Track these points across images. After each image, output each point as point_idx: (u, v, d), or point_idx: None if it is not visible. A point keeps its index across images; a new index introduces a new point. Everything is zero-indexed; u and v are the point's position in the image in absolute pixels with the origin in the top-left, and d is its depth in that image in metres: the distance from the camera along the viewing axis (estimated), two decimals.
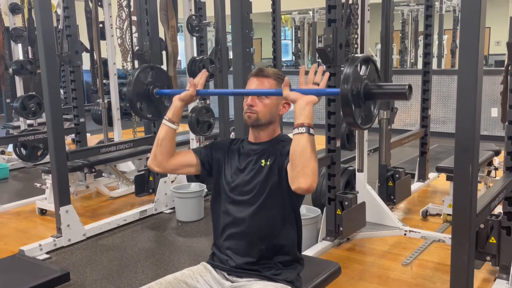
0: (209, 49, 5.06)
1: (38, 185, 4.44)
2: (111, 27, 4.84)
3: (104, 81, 4.96)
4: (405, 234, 3.54)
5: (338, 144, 3.35)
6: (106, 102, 4.91)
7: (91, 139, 6.23)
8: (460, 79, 2.00)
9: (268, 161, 1.75)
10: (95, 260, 3.30)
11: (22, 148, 5.67)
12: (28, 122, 6.01)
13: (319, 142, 1.74)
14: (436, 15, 7.43)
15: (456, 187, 2.04)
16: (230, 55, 5.18)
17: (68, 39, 4.51)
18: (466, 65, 1.99)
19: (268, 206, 1.74)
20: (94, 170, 4.23)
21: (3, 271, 3.03)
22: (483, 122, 5.80)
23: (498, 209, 2.65)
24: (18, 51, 6.26)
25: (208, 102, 5.07)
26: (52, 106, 3.34)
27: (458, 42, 2.34)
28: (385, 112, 3.76)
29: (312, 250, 3.18)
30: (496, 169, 4.15)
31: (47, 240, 3.45)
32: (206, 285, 1.78)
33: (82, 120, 4.71)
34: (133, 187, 4.46)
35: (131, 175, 4.72)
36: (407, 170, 4.14)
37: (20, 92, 5.93)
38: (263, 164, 1.76)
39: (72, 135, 5.88)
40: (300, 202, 1.82)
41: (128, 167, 5.03)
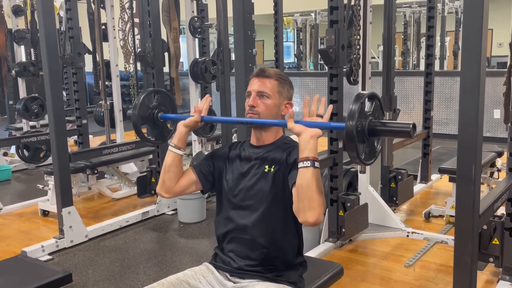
0: (211, 50, 5.07)
1: (40, 186, 4.45)
2: (114, 29, 4.85)
3: (106, 83, 4.97)
4: (407, 236, 3.53)
5: (340, 145, 3.35)
6: (108, 103, 4.92)
7: (93, 140, 6.24)
8: (463, 81, 2.00)
9: (272, 167, 1.74)
10: (97, 261, 3.31)
11: (24, 150, 5.69)
12: (31, 123, 6.03)
13: (321, 144, 1.75)
14: (438, 16, 7.44)
15: (459, 188, 2.03)
16: (232, 57, 5.18)
17: (70, 41, 4.53)
18: (469, 66, 1.98)
19: (271, 214, 1.73)
20: (96, 171, 4.24)
21: (5, 272, 3.04)
22: (486, 124, 5.81)
23: (501, 210, 2.64)
24: (21, 53, 6.28)
25: (210, 103, 5.07)
26: (55, 107, 3.34)
27: (460, 44, 2.34)
28: (387, 113, 3.76)
29: (315, 252, 3.18)
30: (499, 170, 4.14)
31: (50, 241, 3.45)
32: (208, 285, 1.78)
33: (84, 121, 4.73)
34: (135, 188, 4.46)
35: (133, 177, 4.73)
36: (410, 171, 4.13)
37: (22, 93, 5.95)
38: (266, 170, 1.75)
39: (75, 136, 5.89)
40: None
41: (130, 168, 5.03)
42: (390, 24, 3.76)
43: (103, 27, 4.86)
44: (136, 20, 5.64)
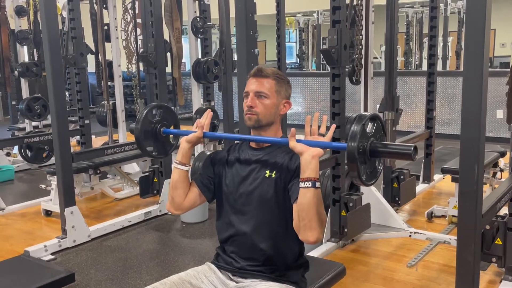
0: (213, 51, 5.07)
1: (43, 186, 4.46)
2: (116, 29, 4.86)
3: (108, 83, 4.98)
4: (410, 236, 3.53)
5: None
6: (111, 104, 4.92)
7: (96, 141, 6.25)
8: (466, 81, 2.00)
9: (274, 173, 1.73)
10: (100, 261, 3.31)
11: (27, 150, 5.71)
12: (34, 124, 6.04)
13: None
14: (441, 17, 7.42)
15: (461, 189, 2.03)
16: (235, 57, 5.18)
17: (73, 41, 4.53)
18: (472, 66, 1.98)
19: (271, 219, 1.73)
20: (99, 171, 4.25)
21: (8, 272, 3.05)
22: (489, 124, 5.78)
23: (504, 210, 2.63)
24: (24, 54, 6.30)
25: (212, 103, 5.08)
26: (57, 108, 3.35)
27: (463, 44, 2.34)
28: (389, 113, 3.76)
29: (317, 251, 3.17)
30: (501, 170, 4.14)
31: (52, 241, 3.46)
32: (210, 285, 1.78)
33: (87, 121, 4.73)
34: (137, 188, 4.47)
35: (136, 177, 4.74)
36: (412, 171, 4.13)
37: (25, 94, 5.96)
38: (267, 175, 1.74)
39: (77, 136, 5.90)
40: None
41: (133, 168, 5.04)
42: (392, 24, 3.75)
43: (106, 27, 4.87)
44: (139, 20, 5.65)
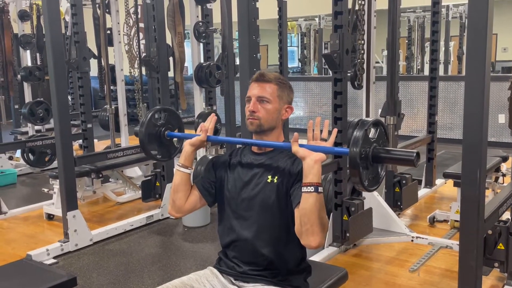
0: (215, 55, 5.09)
1: (45, 190, 4.47)
2: (119, 34, 4.88)
3: (111, 87, 5.00)
4: (412, 240, 3.52)
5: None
6: (113, 108, 4.94)
7: (98, 144, 6.27)
8: (467, 86, 2.01)
9: (276, 178, 1.73)
10: (102, 265, 3.31)
11: (30, 154, 5.71)
12: (36, 128, 6.06)
13: None
14: (443, 21, 7.44)
15: (463, 193, 2.03)
16: (237, 61, 5.21)
17: (76, 46, 4.55)
18: (473, 71, 1.99)
19: (273, 225, 1.73)
20: (101, 175, 4.26)
21: (10, 276, 3.04)
22: (491, 129, 5.76)
23: (506, 215, 2.63)
24: (27, 58, 6.32)
25: (214, 107, 5.09)
26: (60, 112, 3.36)
27: (464, 49, 2.35)
28: (391, 118, 3.76)
29: (319, 256, 3.17)
30: (503, 175, 4.12)
31: (54, 245, 3.46)
32: None
33: (89, 125, 4.74)
34: (139, 192, 4.48)
35: (138, 181, 4.74)
36: (414, 176, 4.12)
37: (28, 98, 5.98)
38: (269, 180, 1.74)
39: (80, 140, 5.92)
40: None
41: (135, 172, 5.04)
42: (394, 29, 3.76)
43: (108, 32, 4.89)
44: (141, 25, 5.68)
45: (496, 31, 8.68)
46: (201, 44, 4.67)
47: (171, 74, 4.36)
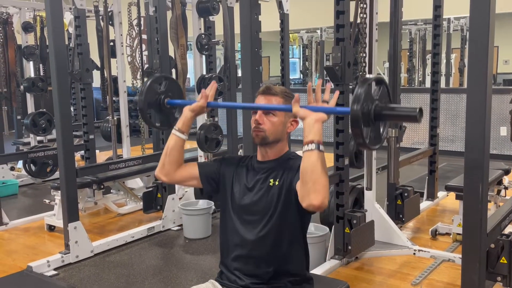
0: (217, 66, 5.11)
1: (47, 201, 4.46)
2: (122, 46, 4.91)
3: (113, 98, 5.01)
4: (414, 254, 3.50)
5: (347, 162, 3.35)
6: (115, 119, 4.95)
7: (100, 155, 6.27)
8: (469, 99, 2.01)
9: (277, 181, 1.74)
10: (103, 277, 3.30)
11: (31, 165, 5.72)
12: (38, 138, 6.07)
13: (327, 159, 1.74)
14: (444, 34, 7.47)
15: (466, 207, 2.03)
16: (239, 73, 5.22)
17: (79, 57, 4.58)
18: (475, 84, 1.99)
19: (276, 228, 1.73)
20: (103, 186, 4.25)
21: (11, 287, 3.04)
22: (492, 141, 5.76)
23: (509, 228, 2.62)
24: (30, 69, 6.35)
25: (216, 119, 5.10)
26: (63, 123, 3.37)
27: (466, 61, 2.35)
28: (393, 130, 3.76)
29: (321, 269, 3.15)
30: (506, 188, 4.12)
31: (55, 256, 3.45)
32: None
33: (91, 137, 4.75)
34: (141, 203, 4.47)
35: (139, 192, 4.74)
36: (416, 188, 4.11)
37: (30, 109, 6.00)
38: (271, 184, 1.75)
39: (82, 151, 5.92)
40: (308, 222, 1.81)
41: (137, 183, 5.04)
42: (396, 41, 3.78)
43: (112, 43, 4.91)
44: (144, 36, 5.71)
45: (497, 44, 8.71)
46: (203, 56, 4.69)
47: None
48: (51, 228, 4.23)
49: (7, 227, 4.34)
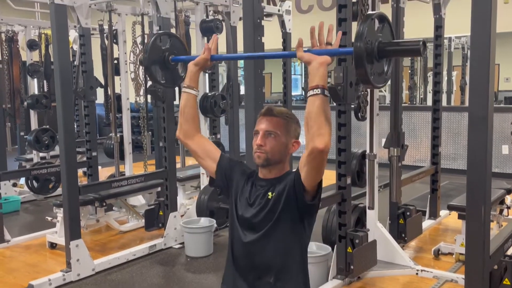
0: (220, 82, 5.15)
1: (49, 219, 4.45)
2: (126, 63, 4.95)
3: (116, 115, 5.04)
4: (417, 274, 3.49)
5: (349, 181, 3.35)
6: (118, 136, 4.97)
7: (102, 171, 6.27)
8: (471, 119, 2.02)
9: (275, 192, 1.76)
10: None
11: (34, 181, 5.73)
12: (41, 154, 6.09)
13: (329, 177, 1.74)
14: (445, 52, 7.52)
15: (468, 230, 2.03)
16: (241, 91, 5.26)
17: (83, 75, 4.62)
18: (477, 106, 2.01)
19: (275, 232, 1.73)
20: (105, 204, 4.26)
21: None
22: (494, 159, 5.73)
23: None
24: (34, 86, 6.40)
25: (218, 136, 5.13)
26: (67, 142, 3.40)
27: (467, 79, 2.38)
28: (395, 149, 3.77)
29: None
30: (508, 207, 4.11)
31: (57, 274, 3.45)
32: None
33: (94, 153, 4.76)
34: (142, 221, 4.47)
35: (141, 209, 4.74)
36: (418, 207, 4.11)
37: (34, 125, 6.03)
38: (270, 197, 1.76)
39: (84, 168, 5.94)
40: (308, 237, 1.81)
41: (139, 201, 5.04)
42: (397, 61, 3.81)
43: (115, 61, 4.96)
44: None
45: (498, 61, 8.75)
46: (206, 74, 4.73)
47: (176, 101, 4.40)
48: (53, 245, 4.22)
49: (9, 244, 4.34)
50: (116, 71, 4.96)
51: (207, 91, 4.75)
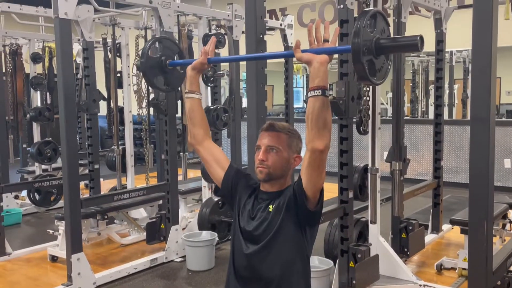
0: (222, 95, 5.16)
1: (50, 231, 4.44)
2: (129, 77, 4.98)
3: (119, 127, 5.06)
4: None
5: (351, 195, 3.35)
6: (120, 149, 4.98)
7: (104, 183, 6.27)
8: (473, 133, 2.02)
9: (275, 204, 1.77)
10: None
11: (36, 193, 5.73)
12: (43, 167, 6.09)
13: (331, 191, 1.74)
14: (447, 65, 7.54)
15: (471, 246, 2.03)
16: (244, 104, 5.28)
17: (86, 88, 4.64)
18: (479, 119, 2.01)
19: (276, 244, 1.74)
20: (106, 217, 4.25)
21: None
22: (496, 173, 5.72)
23: None
24: (37, 98, 6.43)
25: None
26: (69, 155, 3.40)
27: (469, 92, 2.39)
28: (397, 163, 3.77)
29: None
30: (510, 222, 4.09)
31: None
32: None
33: (96, 166, 4.77)
34: (144, 234, 4.45)
35: (143, 222, 4.73)
36: (420, 221, 4.09)
37: (36, 137, 6.05)
38: (270, 210, 1.77)
39: (86, 180, 5.94)
40: (310, 248, 1.80)
41: (140, 214, 5.04)
42: (399, 75, 3.83)
43: (119, 74, 4.99)
44: None
45: (500, 75, 8.78)
46: (208, 88, 4.75)
47: (178, 114, 4.41)
48: (54, 258, 4.21)
49: (10, 257, 4.33)
50: (119, 84, 4.98)
51: (209, 104, 4.77)
